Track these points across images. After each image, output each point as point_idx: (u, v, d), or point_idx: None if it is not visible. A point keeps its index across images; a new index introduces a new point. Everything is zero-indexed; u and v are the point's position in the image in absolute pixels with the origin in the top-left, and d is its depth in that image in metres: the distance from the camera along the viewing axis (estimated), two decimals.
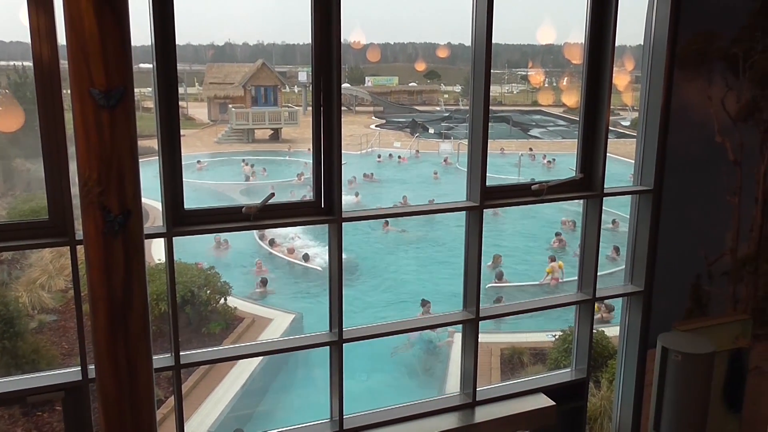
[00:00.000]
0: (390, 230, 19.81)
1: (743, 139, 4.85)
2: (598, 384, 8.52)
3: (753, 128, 4.87)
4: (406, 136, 37.41)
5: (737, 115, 4.79)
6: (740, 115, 4.79)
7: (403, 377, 12.04)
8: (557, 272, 16.12)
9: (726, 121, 4.77)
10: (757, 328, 5.23)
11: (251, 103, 34.30)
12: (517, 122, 41.66)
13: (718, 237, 4.99)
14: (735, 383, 5.15)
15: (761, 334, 5.25)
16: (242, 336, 12.06)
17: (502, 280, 16.08)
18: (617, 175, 5.20)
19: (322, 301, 4.36)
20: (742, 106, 4.78)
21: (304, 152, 29.76)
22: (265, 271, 16.33)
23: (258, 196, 3.84)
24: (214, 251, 17.25)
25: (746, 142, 4.87)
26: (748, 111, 4.80)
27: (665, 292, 4.86)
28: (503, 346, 12.02)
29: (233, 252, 17.82)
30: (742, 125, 4.82)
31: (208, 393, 10.24)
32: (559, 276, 16.05)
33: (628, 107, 38.17)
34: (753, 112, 4.83)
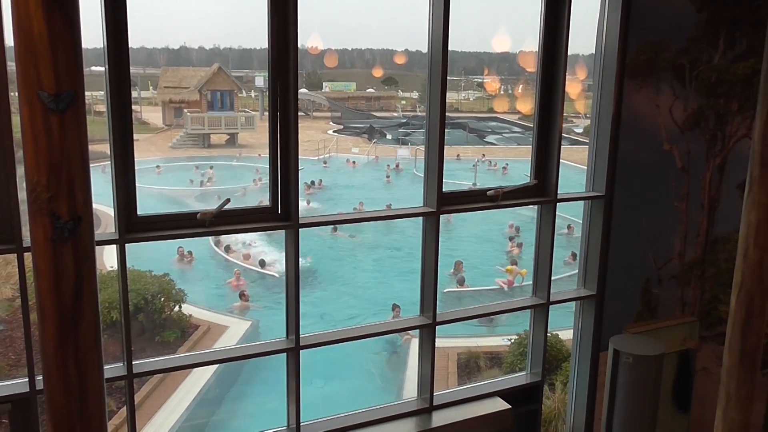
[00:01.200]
0: (338, 235, 19.77)
1: (690, 147, 5.00)
2: (552, 387, 8.64)
3: (699, 137, 5.02)
4: (364, 142, 37.48)
5: (684, 124, 4.93)
6: (687, 124, 4.94)
7: (361, 383, 12.02)
8: (515, 275, 16.37)
9: (674, 130, 4.91)
10: (704, 330, 5.38)
11: (207, 108, 33.92)
12: (473, 129, 42.11)
13: (666, 242, 5.12)
14: (683, 384, 5.28)
15: (708, 336, 5.40)
16: (198, 344, 11.88)
17: (463, 285, 16.23)
18: (573, 182, 5.30)
19: (280, 308, 4.32)
20: (688, 115, 4.92)
21: (256, 157, 29.61)
22: (243, 283, 15.87)
23: (213, 202, 3.80)
24: (177, 264, 16.84)
25: (693, 150, 5.02)
26: (694, 120, 4.95)
27: (616, 295, 4.96)
28: (460, 350, 12.12)
29: (199, 264, 17.42)
30: (689, 134, 4.97)
31: (162, 402, 10.05)
32: (514, 280, 16.29)
33: (581, 115, 38.95)
34: (699, 121, 4.98)
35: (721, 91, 4.99)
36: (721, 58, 4.92)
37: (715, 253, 5.29)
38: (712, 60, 4.90)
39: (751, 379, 3.43)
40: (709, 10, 4.79)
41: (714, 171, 5.14)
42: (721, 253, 5.28)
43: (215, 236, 17.56)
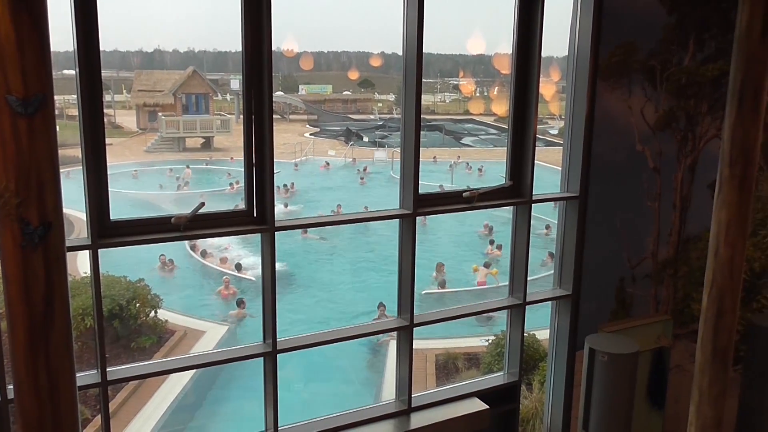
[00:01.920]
0: (309, 237, 19.69)
1: (662, 148, 5.06)
2: (530, 386, 8.69)
3: (670, 137, 5.09)
4: (341, 145, 37.44)
5: (656, 125, 4.99)
6: (658, 125, 5.00)
7: (340, 385, 11.99)
8: (486, 275, 16.48)
9: (645, 130, 4.97)
10: (677, 328, 5.45)
11: (182, 111, 33.63)
12: (449, 131, 42.27)
13: (640, 241, 5.18)
14: (658, 381, 5.35)
15: (681, 334, 5.48)
16: (174, 349, 11.76)
17: (444, 287, 16.27)
18: (549, 183, 5.34)
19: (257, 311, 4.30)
20: (660, 116, 4.99)
21: (228, 161, 29.39)
22: (234, 291, 15.46)
23: (189, 206, 3.76)
24: (159, 272, 16.53)
25: (664, 151, 5.08)
26: (665, 121, 5.02)
27: (592, 295, 5.01)
28: (438, 351, 12.15)
29: (181, 272, 17.13)
30: (661, 134, 5.03)
31: (138, 409, 9.93)
32: (486, 280, 16.40)
33: (556, 116, 39.29)
34: (670, 122, 5.05)
35: (691, 93, 5.07)
36: (690, 60, 5.00)
37: (687, 251, 5.36)
38: (682, 62, 4.98)
39: (723, 375, 3.48)
40: (678, 13, 4.86)
41: (685, 171, 5.21)
42: (693, 252, 5.35)
43: (191, 241, 17.43)
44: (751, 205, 3.39)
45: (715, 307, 3.41)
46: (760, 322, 5.15)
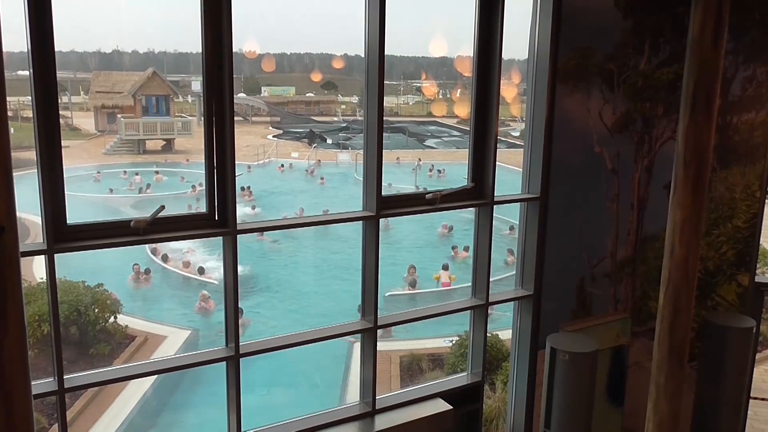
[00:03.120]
0: (263, 240, 19.55)
1: (619, 149, 5.16)
2: (493, 386, 8.77)
3: (628, 139, 5.19)
4: (304, 147, 37.28)
5: (613, 127, 5.08)
6: (616, 127, 5.10)
7: (304, 389, 11.93)
8: (446, 276, 16.60)
9: (603, 133, 5.06)
10: (636, 326, 5.56)
11: (142, 113, 33.10)
12: (413, 133, 42.42)
13: (599, 241, 5.27)
14: (617, 379, 5.44)
15: (639, 332, 5.58)
16: (134, 355, 11.56)
17: (415, 287, 16.30)
18: (511, 184, 5.40)
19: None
20: (617, 118, 5.08)
21: (182, 163, 29.04)
22: (212, 306, 14.72)
23: (150, 209, 3.70)
24: (132, 283, 16.03)
25: (622, 152, 5.18)
26: (622, 123, 5.12)
27: (553, 294, 5.07)
28: (402, 353, 12.17)
29: (158, 282, 16.69)
30: (618, 136, 5.13)
31: (98, 417, 9.73)
32: (451, 283, 16.51)
33: (517, 118, 39.71)
34: (627, 124, 5.15)
35: (647, 96, 5.17)
36: (646, 64, 5.10)
37: (644, 251, 5.47)
38: (638, 65, 5.08)
39: (679, 372, 3.56)
40: (634, 18, 4.96)
41: (642, 172, 5.31)
42: (650, 251, 5.46)
43: (151, 244, 17.14)
44: (704, 205, 3.48)
45: (671, 305, 3.49)
46: (715, 320, 5.28)
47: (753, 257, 5.74)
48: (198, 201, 22.39)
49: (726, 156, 5.50)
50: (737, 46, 5.28)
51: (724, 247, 5.70)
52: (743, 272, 5.74)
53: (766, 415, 8.80)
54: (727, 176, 5.55)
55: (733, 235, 5.67)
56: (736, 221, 5.65)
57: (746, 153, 5.51)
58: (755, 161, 5.53)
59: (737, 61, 5.33)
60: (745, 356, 5.20)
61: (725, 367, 5.15)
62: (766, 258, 13.39)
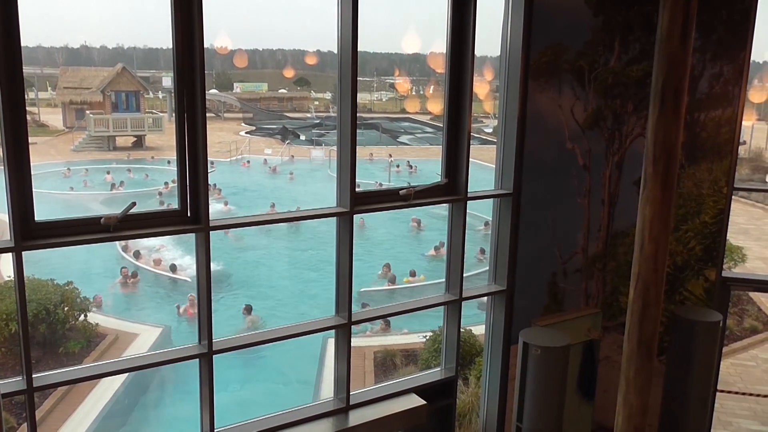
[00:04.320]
0: (229, 236, 19.39)
1: (590, 146, 5.22)
2: (467, 381, 8.82)
3: (598, 135, 5.25)
4: (277, 143, 37.08)
5: (584, 123, 5.14)
6: (587, 123, 5.16)
7: (277, 385, 11.88)
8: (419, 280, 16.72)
9: (575, 129, 5.11)
10: (606, 321, 5.63)
11: (111, 109, 32.62)
12: (386, 129, 42.44)
13: (571, 237, 5.33)
14: (588, 373, 5.51)
15: (610, 326, 5.66)
16: (105, 354, 11.41)
17: (395, 282, 16.31)
18: (485, 180, 5.43)
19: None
20: (588, 114, 5.14)
21: (161, 160, 28.67)
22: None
23: (121, 206, 3.65)
24: (120, 288, 15.58)
25: (593, 148, 5.24)
26: (593, 119, 5.18)
27: (525, 290, 5.12)
28: (376, 349, 12.17)
29: (146, 283, 16.31)
30: (589, 132, 5.19)
31: (68, 416, 9.58)
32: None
33: (490, 115, 39.93)
34: (598, 121, 5.21)
35: (618, 92, 5.24)
36: (616, 61, 5.17)
37: (615, 246, 5.54)
38: (608, 62, 5.14)
39: (648, 365, 3.61)
40: (604, 15, 5.02)
41: (613, 168, 5.38)
42: (621, 247, 5.54)
43: (122, 242, 16.92)
44: (673, 201, 3.53)
45: (640, 300, 3.54)
46: (683, 314, 5.38)
47: (720, 252, 5.85)
48: (168, 198, 22.17)
49: (694, 152, 5.60)
50: (705, 44, 5.37)
51: (692, 242, 5.80)
52: (710, 267, 5.86)
53: (732, 407, 9.00)
54: (695, 172, 5.65)
55: (700, 231, 5.77)
56: (704, 217, 5.75)
57: (713, 149, 5.61)
58: (722, 157, 5.63)
59: (705, 58, 5.42)
60: (712, 350, 5.30)
61: (693, 361, 5.25)
62: (732, 253, 13.65)
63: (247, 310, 14.22)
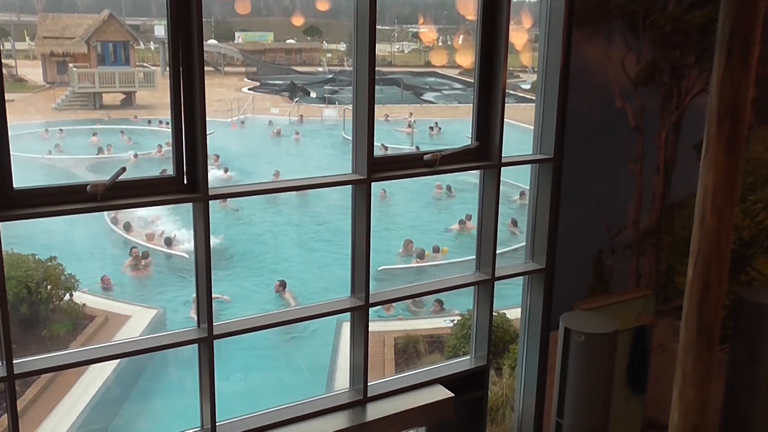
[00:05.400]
0: (226, 207, 19.55)
1: (644, 104, 5.15)
2: (499, 371, 8.87)
3: (653, 92, 5.17)
4: (285, 101, 37.11)
5: (637, 78, 5.06)
6: (640, 78, 5.07)
7: (286, 374, 12.04)
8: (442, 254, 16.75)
9: (626, 84, 5.03)
10: (660, 304, 5.61)
11: (97, 62, 32.77)
12: (409, 85, 42.26)
13: (620, 208, 5.28)
14: (638, 363, 5.51)
15: (664, 310, 5.64)
16: (93, 337, 11.63)
17: (423, 258, 16.34)
18: (522, 144, 5.39)
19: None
20: (642, 68, 5.06)
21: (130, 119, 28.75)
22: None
23: (109, 172, 3.68)
24: (129, 271, 15.75)
25: (647, 107, 5.17)
26: (648, 73, 5.09)
27: (567, 269, 5.10)
28: (397, 334, 12.26)
29: (161, 268, 16.32)
30: (643, 88, 5.11)
31: (53, 406, 9.80)
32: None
33: (528, 69, 39.53)
34: (653, 75, 5.13)
35: (677, 42, 5.15)
36: (676, 5, 5.07)
37: (671, 219, 5.50)
38: (666, 7, 5.04)
39: (708, 355, 3.60)
40: None
41: (670, 129, 5.31)
42: (678, 220, 5.49)
43: (111, 212, 17.09)
44: (740, 167, 3.48)
45: (700, 281, 3.51)
46: (749, 297, 5.33)
47: None
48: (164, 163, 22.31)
49: (765, 111, 5.50)
50: None
51: (761, 215, 5.73)
52: None
53: None
54: (767, 134, 5.56)
55: None
56: None
57: None
58: None
59: None
60: None
61: (760, 350, 5.21)
62: None
63: (282, 285, 14.33)
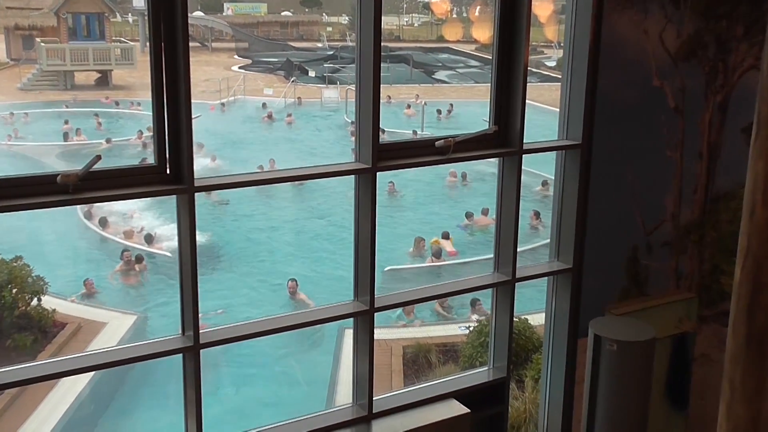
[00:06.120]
0: (214, 201, 19.60)
1: (685, 82, 5.13)
2: (521, 384, 8.88)
3: (696, 69, 5.15)
4: (280, 81, 37.16)
5: (678, 53, 5.05)
6: (681, 53, 5.06)
7: (282, 388, 12.07)
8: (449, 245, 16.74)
9: (665, 60, 5.02)
10: (703, 309, 5.60)
11: (68, 37, 32.85)
12: (419, 63, 42.28)
13: (657, 200, 5.28)
14: (679, 375, 5.50)
15: (708, 316, 5.63)
16: (65, 347, 11.67)
17: (440, 258, 16.35)
18: (546, 129, 5.38)
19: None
20: (683, 42, 5.04)
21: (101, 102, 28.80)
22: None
23: (82, 161, 3.69)
24: (120, 277, 15.72)
25: (688, 86, 5.15)
26: (689, 48, 5.08)
27: (597, 268, 5.10)
28: (406, 343, 12.28)
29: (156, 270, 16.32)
30: (684, 65, 5.09)
31: (18, 425, 9.84)
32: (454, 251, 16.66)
33: (554, 44, 39.47)
34: (695, 50, 5.11)
35: (723, 12, 5.13)
36: None
37: (716, 213, 5.48)
38: None
39: (760, 366, 3.58)
40: None
41: (715, 111, 5.30)
42: (724, 213, 5.48)
43: (85, 206, 17.16)
44: None
45: (750, 282, 3.49)
46: None
47: None
48: None
49: None
50: None
51: None
52: None
53: None
54: None
55: None
56: None
57: None
58: None
59: None
60: None
61: None
62: None
63: (295, 286, 14.36)
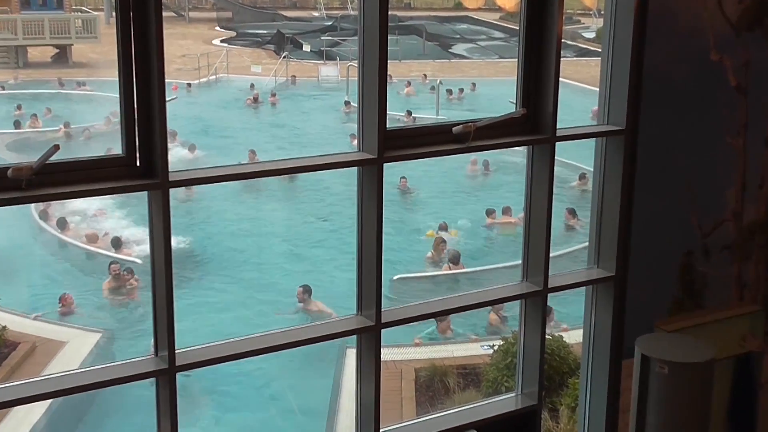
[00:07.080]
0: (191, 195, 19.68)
1: (749, 56, 5.12)
2: (555, 413, 8.88)
3: (761, 40, 5.14)
4: (270, 56, 37.16)
5: (740, 22, 5.03)
6: (744, 22, 5.05)
7: (272, 417, 12.10)
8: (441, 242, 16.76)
9: (725, 30, 5.01)
10: None
11: (20, 6, 32.92)
12: (433, 35, 42.25)
13: (715, 196, 5.27)
14: (743, 401, 5.49)
15: None
16: (17, 370, 11.71)
17: (458, 264, 16.31)
18: (583, 112, 5.38)
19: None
20: (746, 8, 5.03)
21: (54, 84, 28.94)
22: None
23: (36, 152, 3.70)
24: (108, 293, 15.77)
25: (753, 60, 5.14)
26: (754, 15, 5.07)
27: (645, 277, 5.09)
28: (419, 364, 12.27)
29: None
30: (748, 35, 5.09)
31: None
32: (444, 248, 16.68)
33: (592, 12, 39.40)
34: (761, 17, 5.10)
35: None
36: None
37: None
38: None
39: None
40: None
41: None
42: None
43: (40, 204, 17.17)
44: None
45: None
46: None
47: None
48: None
49: None
50: None
51: None
52: None
53: None
54: None
55: None
56: None
57: None
58: None
59: None
60: None
61: None
62: None
63: (306, 292, 14.37)
